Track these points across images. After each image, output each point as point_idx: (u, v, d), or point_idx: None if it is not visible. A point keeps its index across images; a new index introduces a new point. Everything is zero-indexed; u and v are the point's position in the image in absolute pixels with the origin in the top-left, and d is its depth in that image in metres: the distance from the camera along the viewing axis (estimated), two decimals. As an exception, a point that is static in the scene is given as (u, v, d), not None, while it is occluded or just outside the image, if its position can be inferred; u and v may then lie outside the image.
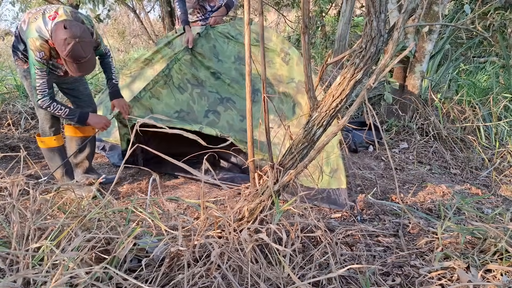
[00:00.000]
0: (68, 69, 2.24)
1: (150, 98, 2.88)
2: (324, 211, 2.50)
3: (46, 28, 2.22)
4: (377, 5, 1.32)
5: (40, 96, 2.32)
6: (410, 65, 4.21)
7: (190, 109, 2.99)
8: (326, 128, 1.64)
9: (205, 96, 3.05)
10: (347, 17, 4.78)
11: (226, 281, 1.54)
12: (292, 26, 8.39)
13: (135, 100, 2.81)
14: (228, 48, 3.22)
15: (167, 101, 2.94)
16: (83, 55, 2.17)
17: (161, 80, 2.96)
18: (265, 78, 1.66)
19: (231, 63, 3.18)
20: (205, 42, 3.21)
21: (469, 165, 3.57)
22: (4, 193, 1.90)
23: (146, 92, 2.87)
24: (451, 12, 6.42)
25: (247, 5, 1.59)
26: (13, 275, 1.36)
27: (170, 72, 3.01)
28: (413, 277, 1.72)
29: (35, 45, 2.23)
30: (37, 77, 2.29)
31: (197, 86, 3.08)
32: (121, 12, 11.00)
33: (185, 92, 3.03)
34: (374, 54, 1.42)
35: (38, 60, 2.25)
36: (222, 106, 3.03)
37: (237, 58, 3.19)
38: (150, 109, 2.85)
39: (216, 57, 3.19)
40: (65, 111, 2.40)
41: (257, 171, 1.78)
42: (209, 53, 3.18)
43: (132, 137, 1.65)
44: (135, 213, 1.82)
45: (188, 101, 3.00)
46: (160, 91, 2.94)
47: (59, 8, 2.31)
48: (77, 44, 2.12)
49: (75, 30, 2.13)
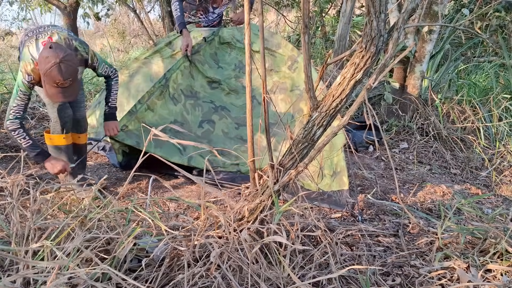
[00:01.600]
0: (46, 93, 2.18)
1: (145, 110, 2.85)
2: (324, 211, 2.50)
3: (37, 53, 2.20)
4: (377, 5, 1.32)
5: (12, 117, 2.27)
6: (410, 65, 4.21)
7: (184, 119, 2.96)
8: (326, 128, 1.64)
9: (199, 106, 3.02)
10: (347, 17, 4.78)
11: (226, 281, 1.54)
12: (292, 26, 8.38)
13: (131, 114, 2.78)
14: (230, 55, 3.20)
15: (161, 112, 2.91)
16: (61, 78, 2.09)
17: (157, 91, 2.92)
18: (265, 78, 1.66)
19: (231, 70, 3.16)
20: (208, 48, 3.19)
21: (469, 165, 3.57)
22: (4, 193, 1.90)
23: (142, 105, 2.84)
24: (451, 12, 6.42)
25: (247, 5, 1.59)
26: (13, 275, 1.36)
27: (167, 83, 2.97)
28: (413, 277, 1.72)
29: (26, 69, 2.22)
30: (18, 98, 2.26)
31: (191, 97, 3.05)
32: (121, 12, 11.00)
33: (179, 104, 3.00)
34: (374, 54, 1.41)
35: (24, 83, 2.23)
36: (217, 115, 3.01)
37: (237, 66, 3.17)
38: (144, 122, 2.81)
39: (217, 63, 3.17)
40: (28, 142, 2.31)
41: (257, 171, 1.78)
42: (210, 59, 3.16)
43: (145, 145, 1.62)
44: (135, 213, 1.82)
45: (181, 112, 2.98)
46: (155, 102, 2.91)
47: (53, 33, 2.29)
48: (57, 65, 2.06)
49: (59, 52, 2.09)
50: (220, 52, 3.21)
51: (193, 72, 3.10)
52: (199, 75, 3.10)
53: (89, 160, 3.39)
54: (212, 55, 3.18)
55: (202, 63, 3.13)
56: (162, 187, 2.85)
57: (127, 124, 2.77)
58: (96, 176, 3.07)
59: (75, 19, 5.76)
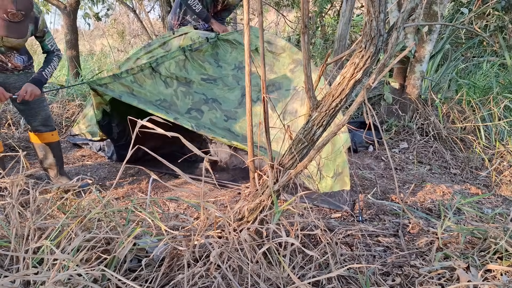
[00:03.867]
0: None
1: (132, 82, 2.81)
2: (324, 211, 2.50)
3: None
4: (377, 5, 1.32)
5: None
6: (410, 65, 4.21)
7: (173, 103, 2.93)
8: (326, 128, 1.64)
9: (190, 95, 2.99)
10: (347, 17, 4.78)
11: (226, 281, 1.54)
12: (292, 26, 8.39)
13: (114, 78, 2.74)
14: (231, 55, 3.20)
15: (150, 89, 2.88)
16: (13, 7, 2.04)
17: (147, 70, 2.89)
18: (265, 78, 1.66)
19: (231, 69, 3.14)
20: (209, 48, 3.18)
21: (469, 165, 3.57)
22: (4, 193, 1.90)
23: (129, 75, 2.80)
24: (450, 12, 6.42)
25: (246, 5, 1.59)
26: (13, 275, 1.36)
27: (158, 67, 2.94)
28: (413, 277, 1.72)
29: None
30: None
31: (183, 85, 3.02)
32: (121, 12, 11.00)
33: (170, 88, 2.96)
34: (373, 54, 1.41)
35: None
36: (206, 106, 2.97)
37: (237, 66, 3.15)
38: (132, 91, 2.78)
39: (217, 62, 3.16)
40: None
41: (257, 171, 1.78)
42: (210, 58, 3.15)
43: (133, 138, 1.62)
44: (135, 213, 1.82)
45: (172, 96, 2.94)
46: (144, 80, 2.87)
47: None
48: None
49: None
50: (221, 52, 3.20)
51: (187, 66, 3.06)
52: (194, 71, 3.07)
53: (88, 160, 3.39)
54: (213, 55, 3.17)
55: (202, 61, 3.12)
56: (162, 187, 2.85)
57: (107, 84, 2.72)
58: (96, 176, 3.07)
59: (75, 19, 5.76)
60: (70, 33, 5.76)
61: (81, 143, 3.68)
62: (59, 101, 4.62)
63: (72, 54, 5.85)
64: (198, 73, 3.08)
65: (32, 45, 7.99)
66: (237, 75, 3.12)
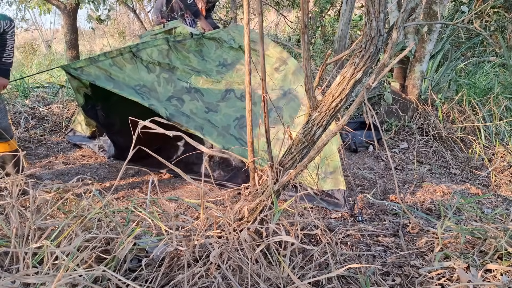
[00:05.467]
0: None
1: (110, 65, 2.74)
2: (324, 211, 2.50)
3: None
4: (377, 5, 1.32)
5: None
6: (410, 65, 4.21)
7: (154, 89, 2.85)
8: (326, 128, 1.64)
9: (172, 82, 2.90)
10: (347, 17, 4.78)
11: (226, 281, 1.54)
12: (292, 26, 8.39)
13: (90, 61, 2.67)
14: (216, 53, 3.16)
15: (130, 74, 2.80)
16: None
17: (127, 54, 2.82)
18: (265, 78, 1.66)
19: (215, 65, 3.10)
20: (193, 44, 3.15)
21: (469, 165, 3.57)
22: (4, 193, 1.90)
23: (107, 59, 2.73)
24: (450, 12, 6.42)
25: (246, 5, 1.59)
26: (13, 275, 1.36)
27: (138, 52, 2.87)
28: (413, 277, 1.72)
29: None
30: None
31: (166, 71, 2.94)
32: (121, 12, 11.01)
33: (152, 73, 2.88)
34: (373, 54, 1.41)
35: None
36: (188, 96, 2.89)
37: (221, 63, 3.11)
38: (109, 74, 2.71)
39: (202, 57, 3.12)
40: None
41: (257, 171, 1.78)
42: (194, 53, 3.10)
43: (134, 138, 1.61)
44: (135, 213, 1.82)
45: (153, 81, 2.87)
46: (124, 63, 2.80)
47: None
48: None
49: None
50: (205, 49, 3.16)
51: (171, 56, 2.99)
52: (178, 61, 3.00)
53: (88, 160, 3.39)
54: (197, 51, 3.13)
55: (187, 52, 3.06)
56: (162, 187, 2.85)
57: (82, 67, 2.66)
58: (96, 176, 3.07)
59: (75, 19, 5.76)
60: (70, 33, 5.75)
61: (80, 143, 3.68)
62: (59, 101, 4.61)
63: (72, 54, 5.85)
64: (182, 63, 3.02)
65: (32, 45, 7.99)
66: (221, 71, 3.08)
